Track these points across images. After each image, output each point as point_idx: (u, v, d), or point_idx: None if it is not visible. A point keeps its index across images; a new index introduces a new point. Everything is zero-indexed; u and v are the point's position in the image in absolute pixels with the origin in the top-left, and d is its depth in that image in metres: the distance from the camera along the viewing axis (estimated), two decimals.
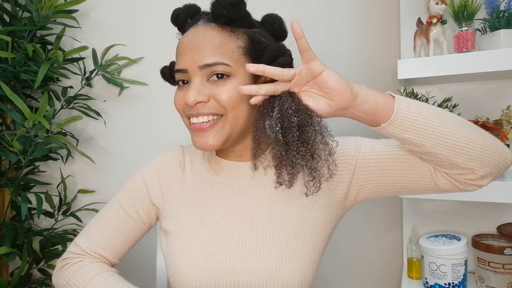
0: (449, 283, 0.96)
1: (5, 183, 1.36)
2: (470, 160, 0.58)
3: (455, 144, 0.57)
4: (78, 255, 0.76)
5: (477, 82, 1.09)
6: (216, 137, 0.64)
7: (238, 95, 0.62)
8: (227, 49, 0.62)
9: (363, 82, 1.24)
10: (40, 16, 1.37)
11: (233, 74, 0.63)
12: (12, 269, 1.52)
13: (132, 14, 1.50)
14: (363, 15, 1.25)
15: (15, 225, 1.36)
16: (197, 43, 0.63)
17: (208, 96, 0.63)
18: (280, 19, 0.71)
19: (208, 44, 0.62)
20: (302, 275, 0.66)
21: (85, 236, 0.76)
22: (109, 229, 0.75)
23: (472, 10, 0.94)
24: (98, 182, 1.59)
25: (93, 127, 1.57)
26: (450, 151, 0.58)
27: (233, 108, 0.63)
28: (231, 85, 0.63)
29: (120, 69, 1.46)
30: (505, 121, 1.02)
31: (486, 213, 1.09)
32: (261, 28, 0.69)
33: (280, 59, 0.63)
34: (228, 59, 0.62)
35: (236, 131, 0.65)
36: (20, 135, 1.28)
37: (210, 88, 0.63)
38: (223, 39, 0.63)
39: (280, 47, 0.64)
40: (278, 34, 0.71)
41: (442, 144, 0.57)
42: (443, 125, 0.57)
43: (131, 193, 0.77)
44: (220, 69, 0.62)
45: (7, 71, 1.33)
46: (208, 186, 0.74)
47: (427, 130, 0.57)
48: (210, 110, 0.63)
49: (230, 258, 0.67)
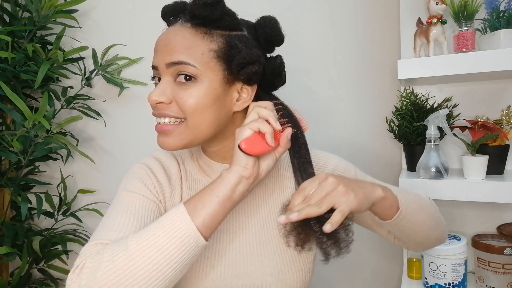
0: (449, 283, 0.96)
1: (5, 183, 1.36)
2: (418, 247, 0.76)
3: (418, 242, 0.73)
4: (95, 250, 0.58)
5: (477, 82, 1.09)
6: (176, 140, 0.62)
7: (200, 103, 0.60)
8: (196, 51, 0.60)
9: (363, 82, 1.24)
10: (40, 16, 1.37)
11: (200, 77, 0.60)
12: (12, 269, 1.52)
13: (132, 14, 1.50)
14: (363, 15, 1.25)
15: (15, 225, 1.36)
16: (168, 41, 0.62)
17: (170, 98, 0.61)
18: (273, 23, 0.66)
19: (177, 43, 0.61)
20: (303, 276, 0.68)
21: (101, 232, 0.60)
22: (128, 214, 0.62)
23: (472, 10, 0.94)
24: (98, 182, 1.59)
25: (93, 127, 1.57)
26: (410, 243, 0.74)
27: (193, 114, 0.61)
28: (195, 90, 0.60)
29: (120, 69, 1.47)
30: (505, 121, 1.02)
31: (486, 213, 1.08)
32: (250, 31, 0.66)
33: (248, 68, 0.61)
34: (195, 61, 0.60)
35: (199, 136, 0.63)
36: (20, 135, 1.28)
37: (174, 90, 0.61)
38: (194, 40, 0.61)
39: (252, 54, 0.61)
40: (270, 39, 0.66)
41: (410, 239, 0.72)
42: (420, 229, 0.69)
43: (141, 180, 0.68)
44: (186, 69, 0.60)
45: (7, 71, 1.33)
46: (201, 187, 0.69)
47: (408, 230, 0.68)
48: (171, 113, 0.62)
49: (233, 261, 0.67)
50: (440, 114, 0.93)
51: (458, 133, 1.03)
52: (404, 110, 1.05)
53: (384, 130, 1.19)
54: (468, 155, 0.95)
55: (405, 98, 1.06)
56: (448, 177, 0.95)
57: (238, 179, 0.57)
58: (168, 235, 0.52)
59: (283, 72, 0.69)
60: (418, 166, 0.98)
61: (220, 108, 0.63)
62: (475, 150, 0.95)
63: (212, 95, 0.61)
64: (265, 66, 0.65)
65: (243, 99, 0.65)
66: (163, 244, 0.51)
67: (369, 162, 1.25)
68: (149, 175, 0.68)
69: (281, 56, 0.69)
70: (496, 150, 0.97)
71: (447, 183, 0.93)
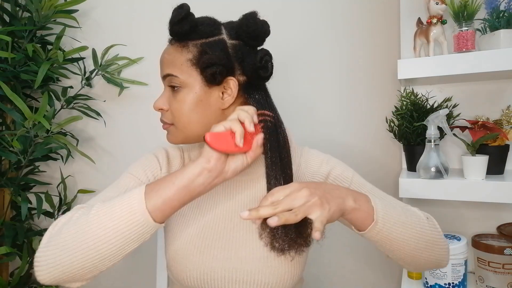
0: (449, 283, 0.96)
1: (5, 183, 1.36)
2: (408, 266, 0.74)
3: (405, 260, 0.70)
4: None
5: (477, 82, 1.09)
6: (172, 137, 0.76)
7: (185, 106, 0.71)
8: (177, 63, 0.71)
9: (363, 82, 1.24)
10: (40, 16, 1.37)
11: (183, 85, 0.71)
12: (12, 269, 1.52)
13: (132, 14, 1.50)
14: (363, 15, 1.25)
15: (15, 225, 1.36)
16: (162, 58, 0.75)
17: (167, 106, 0.74)
18: (251, 19, 0.71)
19: (165, 60, 0.73)
20: (292, 265, 0.72)
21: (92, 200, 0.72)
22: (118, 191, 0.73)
23: (472, 10, 0.94)
24: (98, 182, 1.59)
25: (93, 127, 1.57)
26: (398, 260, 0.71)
27: (180, 118, 0.72)
28: (180, 96, 0.72)
29: (120, 69, 1.47)
30: (505, 121, 1.02)
31: (486, 213, 1.08)
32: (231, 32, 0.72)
33: (207, 70, 0.69)
34: (177, 71, 0.71)
35: (190, 134, 0.73)
36: (20, 135, 1.28)
37: (170, 99, 0.74)
38: (175, 55, 0.72)
39: (211, 58, 0.68)
40: (252, 34, 0.71)
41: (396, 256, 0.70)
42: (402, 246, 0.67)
43: (143, 165, 0.78)
44: (173, 80, 0.72)
45: (7, 71, 1.33)
46: None
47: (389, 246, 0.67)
48: (165, 119, 0.75)
49: (226, 245, 0.73)
50: (440, 114, 0.93)
51: (458, 133, 1.03)
52: (404, 110, 1.05)
53: (384, 130, 1.19)
54: (468, 155, 0.95)
55: (405, 98, 1.06)
56: (448, 177, 0.95)
57: (200, 170, 0.61)
58: (122, 209, 0.58)
59: (268, 64, 0.73)
60: (418, 166, 0.98)
61: (205, 108, 0.72)
62: (475, 150, 0.95)
63: (194, 99, 0.71)
64: (244, 61, 0.71)
65: (226, 97, 0.73)
66: (116, 216, 0.58)
67: (369, 162, 1.25)
68: (152, 164, 0.79)
69: (265, 49, 0.74)
70: (496, 150, 0.97)
71: (447, 183, 0.93)
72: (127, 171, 0.78)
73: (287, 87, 1.24)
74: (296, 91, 1.31)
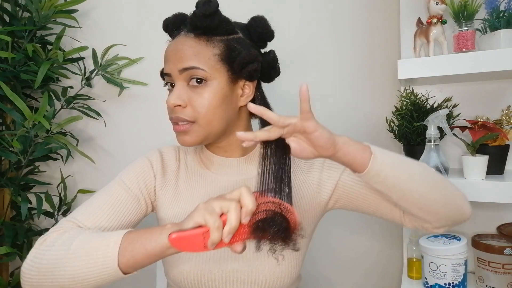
0: (449, 283, 0.96)
1: (5, 183, 1.36)
2: (428, 215, 0.68)
3: (417, 202, 0.65)
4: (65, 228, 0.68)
5: (477, 82, 1.09)
6: (193, 137, 0.71)
7: (211, 103, 0.69)
8: (203, 56, 0.69)
9: (363, 82, 1.24)
10: (40, 16, 1.37)
11: (210, 79, 0.69)
12: (12, 269, 1.52)
13: (132, 14, 1.50)
14: (363, 15, 1.25)
15: (15, 225, 1.36)
16: (177, 51, 0.70)
17: (186, 102, 0.69)
18: (263, 22, 0.74)
19: (186, 51, 0.69)
20: (288, 265, 0.72)
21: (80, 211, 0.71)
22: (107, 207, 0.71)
23: (472, 10, 0.94)
24: (98, 182, 1.59)
25: (93, 127, 1.57)
26: (411, 206, 0.66)
27: (206, 114, 0.69)
28: (206, 92, 0.69)
29: (120, 69, 1.47)
30: (505, 121, 1.02)
31: (486, 213, 1.09)
32: (244, 32, 0.74)
33: (249, 66, 0.70)
34: (204, 65, 0.68)
35: (213, 131, 0.71)
36: (20, 135, 1.28)
37: (189, 94, 0.69)
38: (200, 48, 0.69)
39: (251, 55, 0.70)
40: (262, 37, 0.75)
41: (405, 200, 0.66)
42: (410, 184, 0.64)
43: (136, 174, 0.77)
44: (197, 73, 0.68)
45: (7, 71, 1.33)
46: (200, 179, 0.79)
47: (395, 187, 0.64)
48: (185, 117, 0.69)
49: None
50: (440, 114, 0.93)
51: (458, 133, 1.03)
52: (404, 110, 1.05)
53: (384, 130, 1.19)
54: (468, 155, 0.95)
55: (405, 98, 1.06)
56: (448, 177, 0.95)
57: None
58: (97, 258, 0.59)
59: (277, 64, 0.78)
60: None
61: (228, 105, 0.71)
62: (475, 150, 0.95)
63: (221, 95, 0.70)
64: (262, 61, 0.74)
65: (246, 94, 0.74)
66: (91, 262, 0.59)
67: None
68: (145, 170, 0.78)
69: (274, 51, 0.77)
70: (496, 150, 0.97)
71: None
72: (119, 176, 0.77)
73: (286, 87, 1.24)
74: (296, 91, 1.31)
